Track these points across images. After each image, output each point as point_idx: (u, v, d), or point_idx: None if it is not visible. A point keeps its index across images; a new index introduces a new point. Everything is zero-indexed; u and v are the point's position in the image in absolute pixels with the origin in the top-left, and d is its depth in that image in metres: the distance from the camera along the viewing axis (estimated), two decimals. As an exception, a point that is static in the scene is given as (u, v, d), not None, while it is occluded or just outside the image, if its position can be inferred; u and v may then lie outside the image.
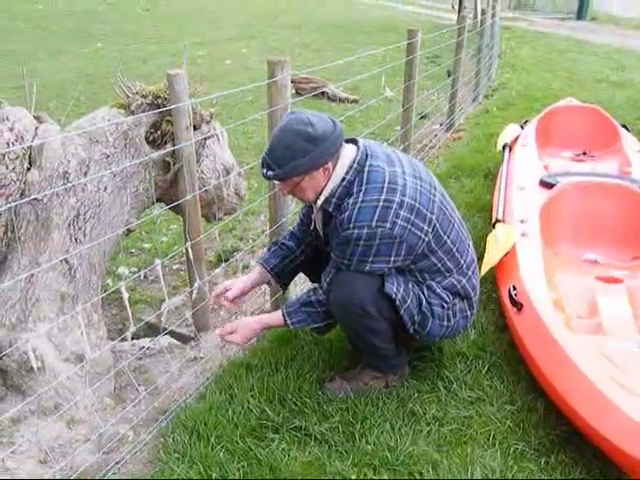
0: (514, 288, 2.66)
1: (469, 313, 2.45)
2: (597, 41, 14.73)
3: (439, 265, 2.31)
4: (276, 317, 2.44)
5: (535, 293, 2.58)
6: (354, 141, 2.32)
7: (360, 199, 2.17)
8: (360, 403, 2.39)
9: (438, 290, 2.34)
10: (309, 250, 2.66)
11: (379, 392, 2.46)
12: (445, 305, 2.34)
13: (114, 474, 2.14)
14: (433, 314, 2.33)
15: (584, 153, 4.67)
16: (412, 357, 2.63)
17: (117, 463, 2.18)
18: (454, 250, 2.33)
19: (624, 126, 4.89)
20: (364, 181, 2.20)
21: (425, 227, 2.22)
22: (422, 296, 2.32)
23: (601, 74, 10.20)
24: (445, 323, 2.37)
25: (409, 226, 2.18)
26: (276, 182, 2.38)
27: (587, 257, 3.22)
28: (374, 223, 2.14)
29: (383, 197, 2.16)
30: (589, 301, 2.73)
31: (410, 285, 2.31)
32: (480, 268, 3.03)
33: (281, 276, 2.65)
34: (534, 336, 2.40)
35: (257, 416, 2.33)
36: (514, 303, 2.59)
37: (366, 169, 2.22)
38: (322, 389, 2.49)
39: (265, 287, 3.38)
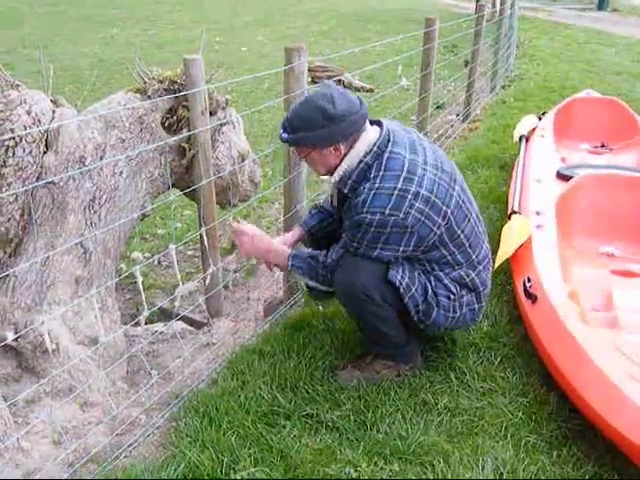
0: (529, 280, 2.63)
1: (477, 306, 2.43)
2: (618, 32, 14.51)
3: (449, 257, 2.30)
4: (282, 252, 2.48)
5: (550, 285, 2.55)
6: (379, 123, 2.30)
7: (376, 185, 2.16)
8: (372, 392, 2.39)
9: (446, 281, 2.32)
10: None
11: (391, 381, 2.45)
12: (452, 296, 2.33)
13: (126, 457, 2.16)
14: (438, 304, 2.32)
15: (602, 145, 4.61)
16: (424, 347, 2.63)
17: (129, 446, 2.20)
18: (466, 245, 2.31)
19: (644, 118, 4.82)
20: (382, 167, 2.18)
21: (439, 220, 2.20)
22: (429, 285, 2.31)
23: (621, 66, 10.06)
24: (450, 314, 2.35)
25: (422, 218, 2.16)
26: None
27: (603, 250, 3.19)
28: (387, 211, 2.13)
29: (399, 186, 2.14)
30: (605, 294, 2.70)
31: (416, 273, 2.31)
32: (494, 260, 3.02)
33: (316, 238, 2.67)
34: (548, 328, 2.38)
35: (269, 402, 2.34)
36: (528, 295, 2.57)
37: (386, 155, 2.20)
38: (334, 377, 2.49)
39: (278, 275, 3.38)
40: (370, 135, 2.23)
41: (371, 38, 13.19)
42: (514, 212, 3.29)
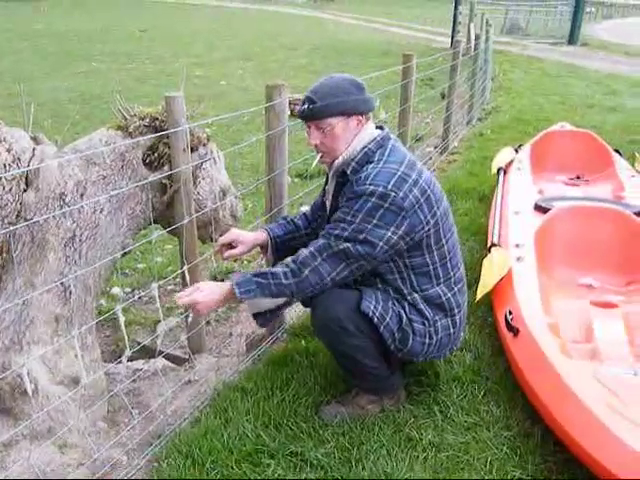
0: (510, 313, 2.65)
1: (452, 331, 2.41)
2: (588, 66, 14.92)
3: (430, 267, 2.32)
4: (227, 289, 2.26)
5: (531, 318, 2.58)
6: (380, 127, 2.39)
7: (380, 165, 2.23)
8: (356, 428, 2.37)
9: (420, 306, 2.32)
10: (313, 236, 2.62)
11: (375, 417, 2.44)
12: (426, 322, 2.33)
13: (107, 500, 2.11)
14: (414, 331, 2.32)
15: (578, 177, 4.71)
16: (408, 381, 2.62)
17: (110, 489, 2.15)
18: (447, 259, 2.35)
19: (617, 151, 4.94)
20: (386, 153, 2.27)
21: (428, 216, 2.24)
22: (403, 313, 2.31)
23: (593, 99, 10.32)
24: (427, 340, 2.35)
25: (417, 206, 2.20)
26: (307, 128, 2.35)
27: (582, 281, 3.23)
28: (390, 186, 2.16)
29: (402, 169, 2.22)
30: (584, 326, 2.73)
31: (390, 303, 2.31)
32: (476, 292, 3.04)
33: (279, 248, 2.65)
34: (530, 361, 2.40)
35: (253, 441, 2.30)
36: (510, 328, 2.58)
37: (389, 146, 2.30)
38: (318, 414, 2.47)
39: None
40: (373, 130, 2.34)
41: (349, 71, 13.33)
42: (494, 244, 3.33)
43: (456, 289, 2.40)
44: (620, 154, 4.92)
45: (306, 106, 2.27)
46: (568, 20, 21.54)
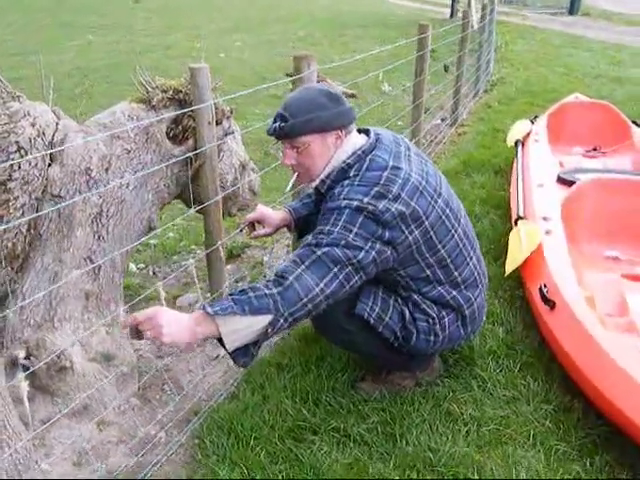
0: (545, 286, 2.63)
1: (463, 323, 2.30)
2: (591, 36, 14.79)
3: (428, 272, 2.17)
4: (194, 316, 1.84)
5: (567, 291, 2.55)
6: (366, 132, 2.22)
7: (356, 181, 2.03)
8: (395, 403, 2.36)
9: (423, 306, 2.22)
10: None
11: (413, 392, 2.42)
12: (431, 320, 2.23)
13: (152, 476, 2.10)
14: (418, 329, 2.23)
15: (594, 149, 4.67)
16: (444, 353, 2.59)
17: (154, 465, 2.13)
18: (448, 261, 2.18)
19: (635, 122, 4.88)
20: (364, 167, 2.06)
21: (413, 229, 2.05)
22: (406, 311, 2.22)
23: (598, 69, 10.24)
24: (432, 338, 2.26)
25: (399, 219, 2.00)
26: (282, 146, 2.16)
27: (608, 254, 3.21)
28: (366, 199, 1.97)
29: (381, 182, 2.01)
30: (618, 299, 2.71)
31: (392, 301, 2.22)
32: (503, 265, 3.01)
33: (303, 229, 2.57)
34: (569, 334, 2.38)
35: (293, 417, 2.29)
36: (546, 301, 2.55)
37: (369, 157, 2.09)
38: (355, 389, 2.46)
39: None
40: (357, 140, 2.15)
41: (349, 42, 13.24)
42: (520, 218, 3.29)
43: (463, 286, 2.25)
44: (638, 125, 4.85)
45: (277, 124, 2.07)
46: (568, -11, 21.29)
